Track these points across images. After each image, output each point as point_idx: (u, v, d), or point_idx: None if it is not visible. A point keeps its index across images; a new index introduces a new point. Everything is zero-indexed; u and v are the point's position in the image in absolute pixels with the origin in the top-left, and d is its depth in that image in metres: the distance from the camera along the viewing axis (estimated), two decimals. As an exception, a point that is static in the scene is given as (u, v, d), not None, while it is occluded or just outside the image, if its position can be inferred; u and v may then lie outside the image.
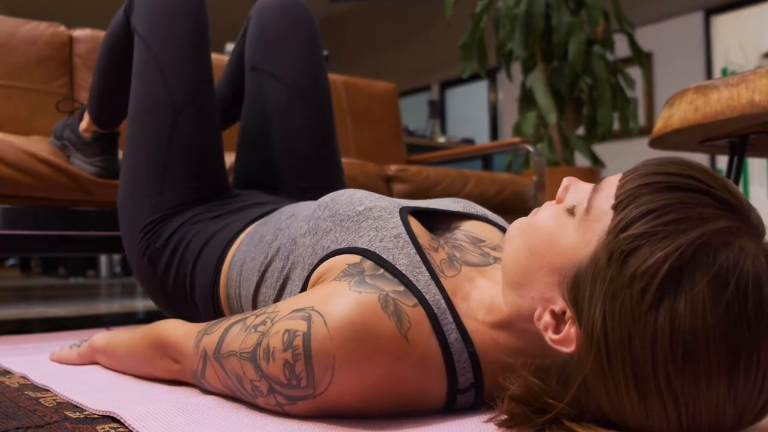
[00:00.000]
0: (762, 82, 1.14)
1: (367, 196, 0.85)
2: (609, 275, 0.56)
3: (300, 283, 0.81)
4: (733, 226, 0.55)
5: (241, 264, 0.97)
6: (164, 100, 1.16)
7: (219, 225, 1.09)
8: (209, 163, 1.18)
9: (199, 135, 1.17)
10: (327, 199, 0.86)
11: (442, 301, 0.70)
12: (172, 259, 1.10)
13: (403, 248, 0.74)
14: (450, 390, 0.69)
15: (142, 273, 1.15)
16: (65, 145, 1.57)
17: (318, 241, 0.81)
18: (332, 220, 0.81)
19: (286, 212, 0.98)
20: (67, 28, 2.13)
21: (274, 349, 0.66)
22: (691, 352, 0.53)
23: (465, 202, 0.93)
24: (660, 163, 0.59)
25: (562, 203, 0.65)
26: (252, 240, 0.98)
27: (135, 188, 1.16)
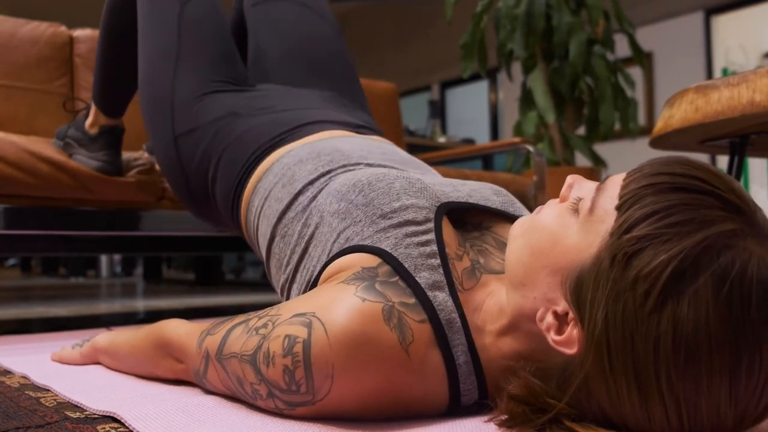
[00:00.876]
0: (762, 82, 1.14)
1: (405, 188, 0.80)
2: (612, 277, 0.56)
3: (319, 265, 0.80)
4: (738, 228, 0.54)
5: (266, 196, 0.96)
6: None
7: (251, 122, 1.09)
8: (223, 45, 1.20)
9: (208, 19, 1.20)
10: (364, 181, 0.82)
11: (457, 320, 0.69)
12: (198, 143, 1.10)
13: (428, 258, 0.72)
14: (452, 405, 0.69)
15: (166, 158, 1.17)
16: (68, 144, 1.57)
17: (345, 229, 0.79)
18: (364, 210, 0.78)
19: (324, 158, 0.94)
20: (67, 28, 2.13)
21: (274, 354, 0.66)
22: (693, 355, 0.52)
23: (505, 196, 0.89)
24: (665, 163, 0.59)
25: (565, 202, 0.65)
26: (283, 175, 0.96)
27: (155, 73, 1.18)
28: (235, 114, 1.10)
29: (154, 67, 1.19)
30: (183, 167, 1.14)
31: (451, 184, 0.86)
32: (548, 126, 3.28)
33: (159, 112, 1.17)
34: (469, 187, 0.87)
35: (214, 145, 1.09)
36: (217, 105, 1.13)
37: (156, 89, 1.18)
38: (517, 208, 0.89)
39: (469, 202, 0.84)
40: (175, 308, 2.55)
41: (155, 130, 1.19)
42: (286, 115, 1.10)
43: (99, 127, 1.51)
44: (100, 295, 3.54)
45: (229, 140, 1.07)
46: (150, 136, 1.22)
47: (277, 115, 1.10)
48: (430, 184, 0.83)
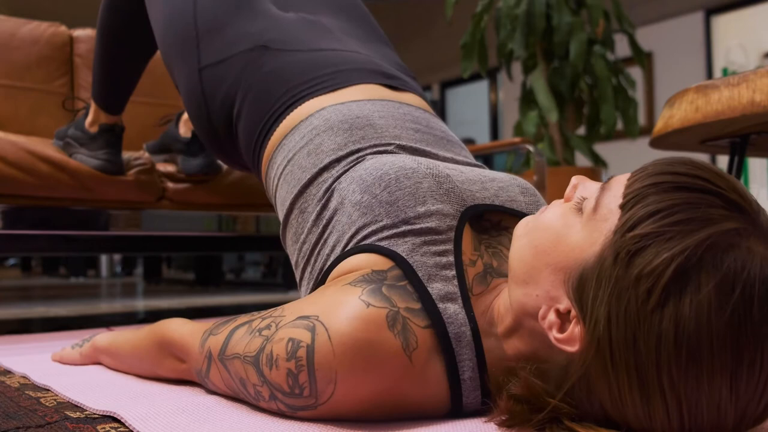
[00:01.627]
0: (762, 82, 1.13)
1: (433, 190, 0.77)
2: (615, 275, 0.56)
3: (333, 257, 0.79)
4: (741, 228, 0.54)
5: (289, 158, 0.93)
6: None
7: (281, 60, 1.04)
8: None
9: None
10: (392, 176, 0.79)
11: (468, 334, 0.68)
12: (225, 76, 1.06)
13: (443, 269, 0.71)
14: (452, 411, 0.69)
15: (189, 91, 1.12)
16: (68, 143, 1.57)
17: (364, 226, 0.77)
18: (387, 209, 0.76)
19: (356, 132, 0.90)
20: (67, 28, 2.13)
21: (278, 357, 0.66)
22: (695, 354, 0.52)
23: (533, 195, 0.87)
24: (668, 162, 0.59)
25: (570, 202, 0.65)
26: (310, 141, 0.92)
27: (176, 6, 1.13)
28: (265, 48, 1.05)
29: (172, 5, 1.14)
30: (207, 102, 1.09)
31: (480, 181, 0.84)
32: (548, 126, 3.28)
33: (184, 47, 1.12)
34: (497, 185, 0.85)
35: (241, 79, 1.04)
36: (245, 33, 1.07)
37: (178, 25, 1.13)
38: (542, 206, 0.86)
39: (495, 204, 0.81)
40: (175, 308, 2.55)
41: (180, 66, 1.13)
42: (317, 56, 1.05)
43: (99, 125, 1.51)
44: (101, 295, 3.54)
45: (258, 76, 1.03)
46: (174, 75, 1.17)
47: (309, 55, 1.05)
48: (458, 183, 0.80)
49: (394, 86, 1.05)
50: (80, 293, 3.66)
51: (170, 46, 1.16)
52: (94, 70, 1.43)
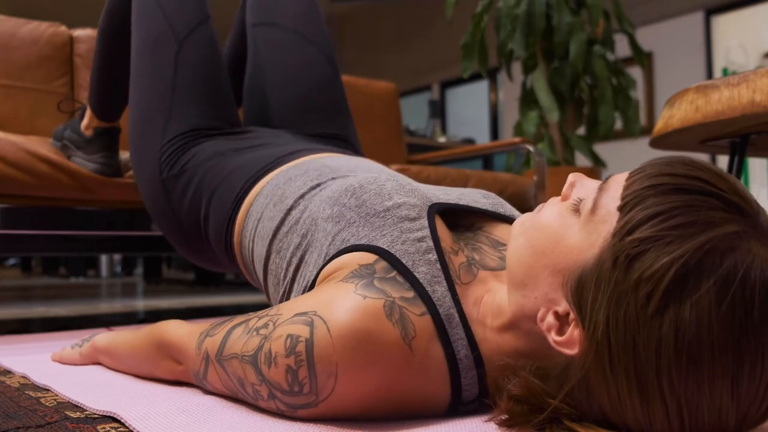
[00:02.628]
0: (763, 82, 1.13)
1: (396, 188, 0.81)
2: (614, 279, 0.55)
3: (315, 270, 0.80)
4: (741, 230, 0.54)
5: (258, 218, 0.96)
6: (167, 32, 1.19)
7: (239, 160, 1.09)
8: (216, 90, 1.20)
9: (204, 61, 1.20)
10: (355, 185, 0.83)
11: (456, 315, 0.69)
12: (188, 185, 1.10)
13: (425, 253, 0.72)
14: (453, 401, 0.69)
15: (156, 202, 1.17)
16: (66, 145, 1.57)
17: (339, 232, 0.79)
18: (358, 211, 0.79)
19: (312, 174, 0.96)
20: (67, 28, 2.13)
21: (276, 354, 0.65)
22: (695, 358, 0.52)
23: (494, 198, 0.91)
24: (667, 163, 0.58)
25: (567, 201, 0.64)
26: (273, 195, 0.96)
27: (146, 116, 1.18)
28: (224, 155, 1.11)
29: (143, 115, 1.19)
30: (173, 208, 1.14)
31: (441, 189, 0.88)
32: (549, 126, 3.28)
33: (147, 155, 1.17)
34: (458, 192, 0.88)
35: (204, 185, 1.09)
36: (206, 149, 1.13)
37: (145, 134, 1.18)
38: (507, 209, 0.90)
39: (459, 204, 0.84)
40: (175, 308, 2.55)
41: (142, 172, 1.19)
42: (275, 149, 1.11)
43: (94, 129, 1.51)
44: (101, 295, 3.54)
45: (220, 179, 1.08)
46: (137, 177, 1.22)
47: (267, 150, 1.11)
48: (420, 187, 0.85)
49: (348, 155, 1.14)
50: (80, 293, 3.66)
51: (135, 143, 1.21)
52: (92, 78, 1.43)
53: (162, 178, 1.13)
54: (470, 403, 0.70)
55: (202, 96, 1.18)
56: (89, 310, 2.51)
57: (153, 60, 1.20)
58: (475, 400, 0.70)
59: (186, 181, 1.11)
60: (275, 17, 1.34)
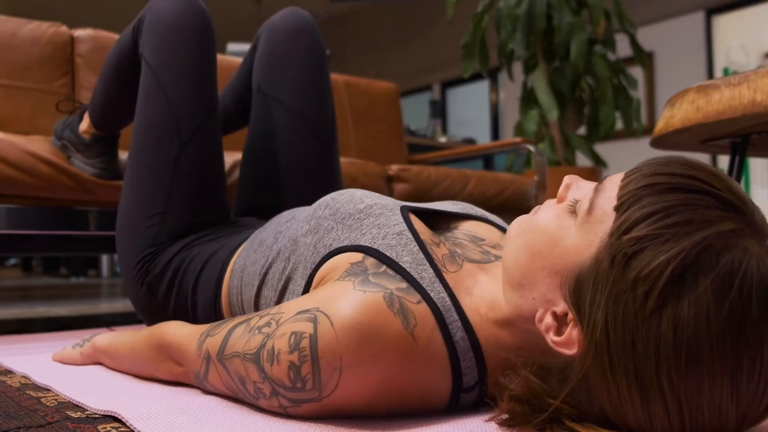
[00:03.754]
0: (763, 82, 1.13)
1: (367, 194, 0.85)
2: (611, 278, 0.55)
3: (303, 282, 0.81)
4: (737, 228, 0.54)
5: (242, 270, 0.97)
6: (170, 130, 1.16)
7: (217, 245, 1.09)
8: (212, 194, 1.19)
9: (204, 166, 1.18)
10: (327, 199, 0.85)
11: (447, 299, 0.70)
12: (172, 283, 1.09)
13: (406, 245, 0.74)
14: (454, 389, 0.69)
15: (140, 300, 1.15)
16: (65, 146, 1.57)
17: (320, 240, 0.80)
18: (334, 218, 0.81)
19: (285, 215, 0.99)
20: (68, 28, 2.13)
21: (280, 351, 0.65)
22: (694, 357, 0.52)
23: (464, 205, 0.94)
24: (663, 162, 0.58)
25: (563, 202, 0.65)
26: (252, 245, 0.98)
27: (136, 217, 1.15)
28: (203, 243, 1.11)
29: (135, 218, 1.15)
30: (160, 305, 1.12)
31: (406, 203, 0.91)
32: (549, 126, 3.28)
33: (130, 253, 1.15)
34: (428, 203, 0.92)
35: (187, 275, 1.08)
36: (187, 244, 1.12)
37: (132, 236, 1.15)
38: (478, 212, 0.92)
39: (429, 208, 0.88)
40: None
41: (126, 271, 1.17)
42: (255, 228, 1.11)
43: (92, 135, 1.51)
44: (101, 295, 3.54)
45: (201, 265, 1.07)
46: (122, 274, 1.20)
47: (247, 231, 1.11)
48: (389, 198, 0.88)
49: None
50: (81, 293, 3.66)
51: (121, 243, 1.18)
52: (95, 96, 1.41)
53: (146, 281, 1.12)
54: (471, 389, 0.70)
55: (197, 201, 1.16)
56: (90, 310, 2.51)
57: (153, 152, 1.16)
58: (475, 386, 0.70)
59: (170, 278, 1.09)
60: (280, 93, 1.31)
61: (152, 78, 1.19)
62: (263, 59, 1.35)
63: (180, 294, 1.09)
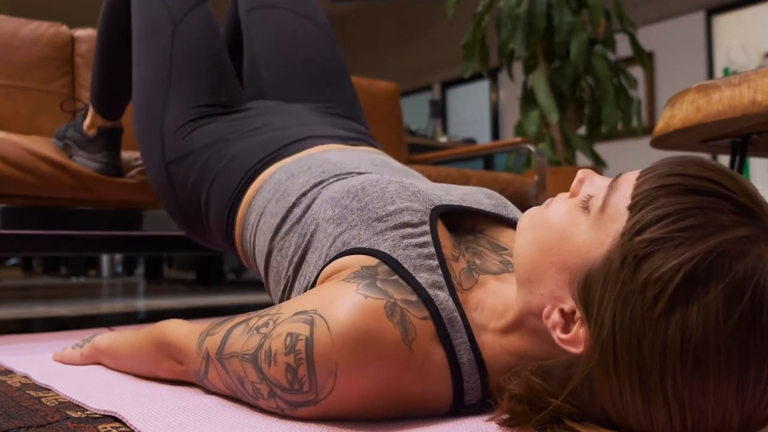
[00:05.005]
0: (764, 82, 1.13)
1: (399, 192, 0.80)
2: (621, 279, 0.55)
3: (315, 271, 0.80)
4: (752, 234, 0.53)
5: (261, 212, 0.97)
6: (162, 14, 1.20)
7: (240, 145, 1.09)
8: (215, 68, 1.20)
9: (201, 40, 1.21)
10: (358, 186, 0.82)
11: (459, 319, 0.68)
12: (190, 171, 1.11)
13: (426, 259, 0.72)
14: (455, 404, 0.69)
15: (158, 181, 1.18)
16: (68, 145, 1.57)
17: (340, 234, 0.79)
18: (359, 214, 0.79)
19: (315, 171, 0.95)
20: (68, 28, 2.13)
21: (276, 352, 0.65)
22: (701, 362, 0.52)
23: (498, 199, 0.90)
24: (678, 163, 0.58)
25: (575, 197, 0.64)
26: (276, 190, 0.96)
27: (147, 99, 1.19)
28: (226, 139, 1.11)
29: (145, 97, 1.20)
30: (175, 192, 1.15)
31: (444, 188, 0.87)
32: (549, 126, 3.28)
33: (150, 138, 1.18)
34: (462, 191, 0.87)
35: (205, 171, 1.09)
36: (207, 132, 1.13)
37: (147, 117, 1.19)
38: (510, 210, 0.89)
39: (462, 205, 0.84)
40: (176, 308, 2.55)
41: (147, 154, 1.20)
42: (277, 133, 1.10)
43: (97, 128, 1.51)
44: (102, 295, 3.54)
45: (221, 165, 1.08)
46: (143, 158, 1.23)
47: (268, 135, 1.10)
48: (423, 189, 0.83)
49: (348, 143, 1.12)
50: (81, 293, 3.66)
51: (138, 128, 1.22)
52: (93, 75, 1.43)
53: (165, 162, 1.14)
54: (472, 406, 0.70)
55: (200, 75, 1.18)
56: (90, 310, 2.51)
57: (151, 43, 1.20)
58: (477, 403, 0.70)
59: (188, 166, 1.12)
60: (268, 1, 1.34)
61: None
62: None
63: (196, 184, 1.11)
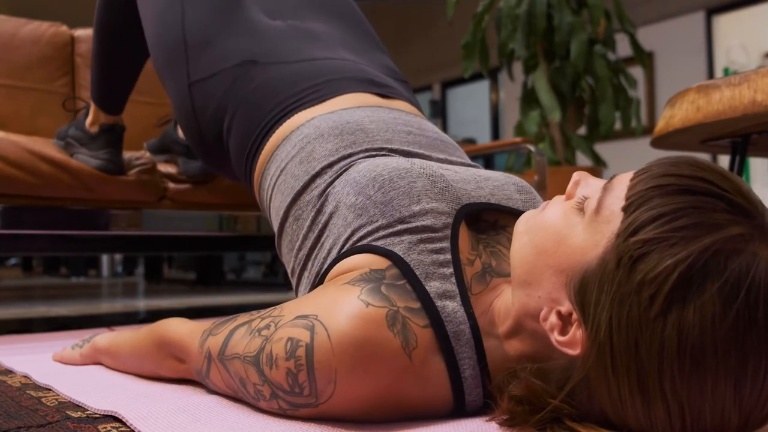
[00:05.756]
0: (764, 82, 1.13)
1: (427, 189, 0.77)
2: (617, 280, 0.55)
3: (329, 259, 0.79)
4: (746, 233, 0.53)
5: (282, 167, 0.94)
6: None
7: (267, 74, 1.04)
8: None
9: None
10: (385, 177, 0.79)
11: (467, 332, 0.68)
12: (214, 92, 1.07)
13: (440, 267, 0.71)
14: (456, 409, 0.69)
15: (181, 108, 1.13)
16: (69, 143, 1.57)
17: (360, 227, 0.77)
18: (382, 209, 0.76)
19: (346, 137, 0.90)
20: (68, 28, 2.13)
21: (277, 357, 0.65)
22: (698, 361, 0.52)
23: (528, 193, 0.86)
24: (672, 163, 0.58)
25: (571, 199, 0.64)
26: (302, 150, 0.92)
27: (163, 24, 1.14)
28: (253, 62, 1.06)
29: (161, 17, 1.14)
30: (197, 116, 1.10)
31: (475, 180, 0.83)
32: (550, 126, 3.28)
33: (173, 61, 1.13)
34: (492, 184, 0.84)
35: (230, 94, 1.05)
36: (233, 48, 1.08)
37: (167, 37, 1.13)
38: (537, 203, 0.86)
39: (491, 202, 0.81)
40: (176, 308, 2.55)
41: (170, 79, 1.15)
42: (306, 67, 1.05)
43: (99, 125, 1.51)
44: (102, 295, 3.54)
45: (248, 91, 1.03)
46: (165, 87, 1.18)
47: (297, 67, 1.05)
48: (453, 182, 0.80)
49: (383, 94, 1.05)
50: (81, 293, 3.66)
51: (160, 58, 1.17)
52: (92, 70, 1.43)
53: (189, 82, 1.10)
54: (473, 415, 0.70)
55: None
56: (90, 310, 2.51)
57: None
58: (478, 410, 0.70)
59: (211, 87, 1.07)
60: None
61: None
62: None
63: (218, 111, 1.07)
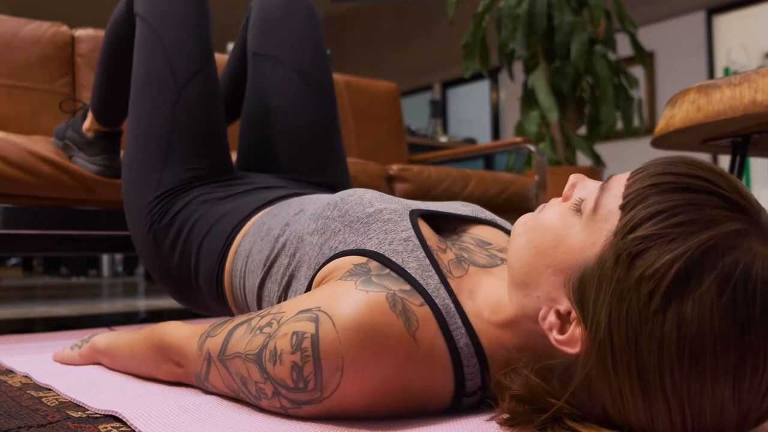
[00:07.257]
0: (764, 82, 1.13)
1: (377, 197, 0.84)
2: (616, 277, 0.55)
3: (306, 281, 0.81)
4: (743, 228, 0.54)
5: (247, 255, 0.97)
6: (167, 75, 1.18)
7: (227, 207, 1.10)
8: (212, 138, 1.20)
9: (202, 110, 1.19)
10: (336, 198, 0.85)
11: (452, 305, 0.69)
12: (177, 237, 1.11)
13: (412, 251, 0.74)
14: (457, 393, 0.69)
15: (146, 250, 1.17)
16: (67, 145, 1.57)
17: (326, 242, 0.80)
18: (341, 220, 0.81)
19: (294, 205, 0.98)
20: (69, 28, 2.13)
21: (282, 351, 0.65)
22: (697, 356, 0.52)
23: (473, 207, 0.93)
24: (669, 162, 0.58)
25: (568, 201, 0.65)
26: (259, 231, 0.98)
27: (139, 163, 1.17)
28: (210, 203, 1.11)
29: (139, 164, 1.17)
30: (163, 258, 1.14)
31: (420, 202, 0.90)
32: (550, 126, 3.28)
33: (136, 204, 1.17)
34: (438, 203, 0.91)
35: (193, 235, 1.09)
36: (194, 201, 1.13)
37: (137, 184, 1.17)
38: (487, 215, 0.92)
39: (439, 210, 0.87)
40: (176, 308, 2.56)
41: (132, 219, 1.19)
42: (263, 193, 1.12)
43: (95, 132, 1.51)
44: (102, 295, 3.54)
45: (208, 226, 1.08)
46: (128, 223, 1.22)
47: (254, 195, 1.11)
48: (400, 199, 0.87)
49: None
50: (82, 293, 3.66)
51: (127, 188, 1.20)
52: (95, 81, 1.43)
53: (152, 229, 1.13)
54: (473, 394, 0.70)
55: (197, 147, 1.17)
56: (91, 310, 2.51)
57: (151, 102, 1.18)
58: (477, 390, 0.70)
59: (175, 232, 1.11)
60: (276, 51, 1.32)
61: (146, 29, 1.21)
62: (257, 26, 1.37)
63: (184, 250, 1.10)
